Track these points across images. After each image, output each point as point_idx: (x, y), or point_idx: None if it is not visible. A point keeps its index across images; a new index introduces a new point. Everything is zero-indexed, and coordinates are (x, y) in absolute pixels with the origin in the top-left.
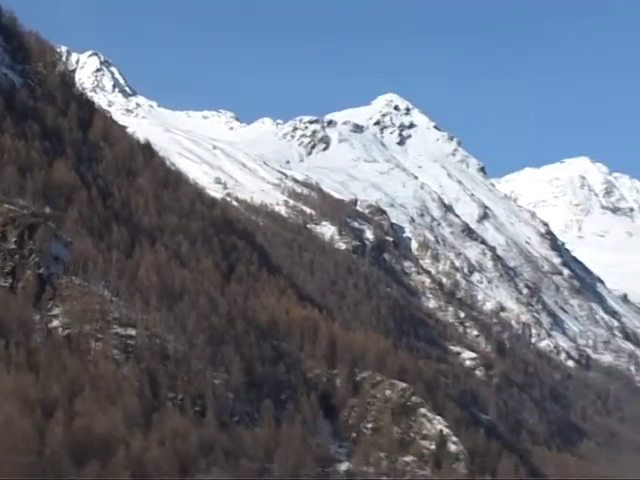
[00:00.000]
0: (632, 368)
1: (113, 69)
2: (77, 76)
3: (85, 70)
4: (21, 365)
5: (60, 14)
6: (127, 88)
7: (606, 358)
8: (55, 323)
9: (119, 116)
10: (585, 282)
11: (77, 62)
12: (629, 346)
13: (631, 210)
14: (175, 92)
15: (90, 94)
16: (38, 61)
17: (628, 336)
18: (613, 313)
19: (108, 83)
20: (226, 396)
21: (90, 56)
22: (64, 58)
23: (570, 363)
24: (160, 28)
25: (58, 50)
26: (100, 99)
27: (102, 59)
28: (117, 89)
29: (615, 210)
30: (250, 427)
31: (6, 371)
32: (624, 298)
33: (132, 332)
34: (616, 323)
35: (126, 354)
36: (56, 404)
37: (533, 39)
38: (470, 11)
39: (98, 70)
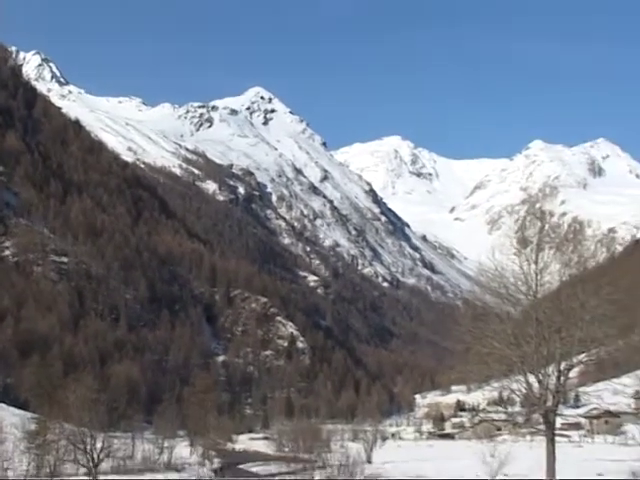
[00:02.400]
0: (428, 287)
1: (51, 64)
2: (24, 69)
3: (30, 65)
4: None
5: (11, 21)
6: (62, 79)
7: (410, 281)
8: (6, 252)
9: (56, 100)
10: (396, 226)
11: (24, 59)
12: (427, 272)
13: (430, 175)
14: (98, 82)
15: (34, 83)
16: None
17: (426, 265)
18: (416, 249)
19: (47, 75)
20: (134, 307)
21: (34, 54)
22: (14, 55)
23: (385, 284)
24: (88, 31)
25: (9, 49)
26: (41, 87)
27: (43, 57)
28: (54, 80)
29: (419, 175)
30: (152, 329)
31: None
32: (424, 238)
33: (65, 259)
34: (418, 256)
35: (60, 275)
36: (7, 312)
37: (363, 40)
38: (313, 23)
39: (40, 65)
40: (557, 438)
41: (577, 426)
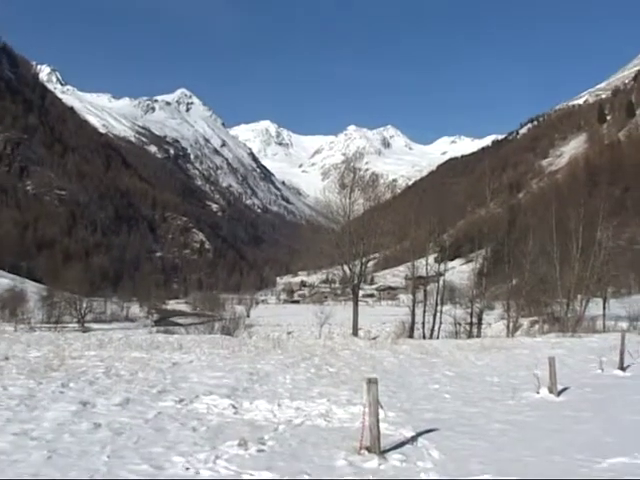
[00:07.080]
0: (285, 213)
1: (57, 72)
2: (40, 76)
3: (43, 72)
4: None
5: (32, 41)
6: (62, 81)
7: (274, 208)
8: (28, 188)
9: (59, 94)
10: (266, 175)
11: (39, 69)
12: (284, 203)
13: (287, 144)
14: (85, 83)
15: (46, 84)
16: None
17: (284, 199)
18: (278, 189)
19: (54, 79)
20: (106, 222)
21: (46, 66)
22: (34, 67)
23: (259, 210)
24: (81, 48)
25: (31, 63)
26: (50, 86)
27: (51, 67)
28: (58, 82)
29: (280, 144)
30: (117, 236)
31: None
32: (283, 183)
33: (63, 192)
34: (279, 193)
35: (60, 202)
36: (29, 225)
37: (253, 56)
38: (217, 45)
39: (49, 73)
40: (359, 303)
41: (371, 296)
